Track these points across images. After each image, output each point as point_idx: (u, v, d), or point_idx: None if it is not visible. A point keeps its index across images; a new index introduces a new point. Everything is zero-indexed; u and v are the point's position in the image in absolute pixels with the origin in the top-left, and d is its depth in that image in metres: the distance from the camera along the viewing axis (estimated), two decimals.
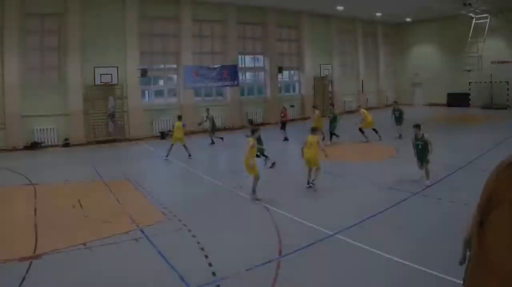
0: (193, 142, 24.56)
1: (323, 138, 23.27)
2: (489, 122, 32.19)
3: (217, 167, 21.84)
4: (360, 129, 25.07)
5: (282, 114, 27.63)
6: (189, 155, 21.57)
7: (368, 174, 17.07)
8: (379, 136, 24.70)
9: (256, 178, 13.88)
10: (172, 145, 21.89)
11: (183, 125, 22.37)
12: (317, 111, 26.12)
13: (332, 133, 24.89)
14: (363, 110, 25.95)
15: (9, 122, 25.60)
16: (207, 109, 27.83)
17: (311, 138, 14.90)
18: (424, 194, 13.58)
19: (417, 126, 14.80)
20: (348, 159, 20.32)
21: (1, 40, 25.46)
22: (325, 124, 25.27)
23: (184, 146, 21.75)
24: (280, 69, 37.70)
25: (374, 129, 25.02)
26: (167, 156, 21.63)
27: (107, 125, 28.65)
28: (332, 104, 29.33)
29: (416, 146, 14.81)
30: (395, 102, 28.14)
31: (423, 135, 14.54)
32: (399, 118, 25.69)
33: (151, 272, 8.74)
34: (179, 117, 23.01)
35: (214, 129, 27.25)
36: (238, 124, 34.20)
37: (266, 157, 19.09)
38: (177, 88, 32.90)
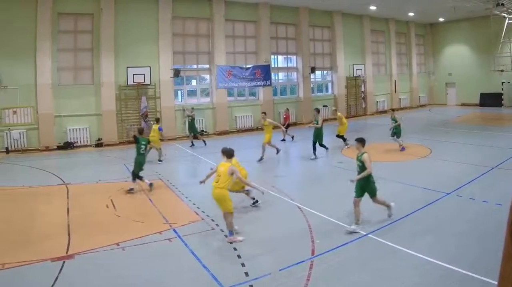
0: (226, 142, 22.63)
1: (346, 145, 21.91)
2: None
3: (249, 167, 19.77)
4: (338, 136, 22.37)
5: (285, 116, 25.85)
6: (159, 159, 20.40)
7: (401, 173, 16.26)
8: (346, 144, 21.75)
9: (229, 213, 10.00)
10: (150, 148, 20.58)
11: (160, 129, 20.97)
12: (339, 114, 23.37)
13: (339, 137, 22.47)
14: (340, 114, 23.07)
15: (42, 122, 24.57)
16: (192, 109, 26.20)
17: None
18: (457, 194, 12.98)
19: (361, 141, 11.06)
20: (381, 158, 18.93)
21: (34, 40, 24.37)
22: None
23: (159, 149, 20.63)
24: (313, 69, 35.85)
25: (342, 136, 22.27)
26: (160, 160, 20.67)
27: (139, 125, 26.80)
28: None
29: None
30: (393, 110, 22.86)
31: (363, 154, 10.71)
32: (395, 129, 21.31)
33: (184, 272, 8.50)
34: (157, 120, 21.90)
35: (194, 130, 25.44)
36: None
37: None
38: (210, 88, 31.43)
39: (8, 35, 23.72)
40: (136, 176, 14.84)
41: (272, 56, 34.09)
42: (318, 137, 19.69)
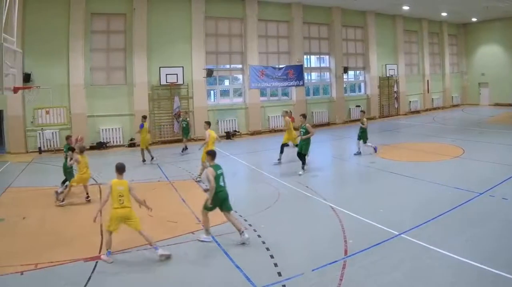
0: (258, 141, 22.53)
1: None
2: None
3: (283, 167, 18.40)
4: (284, 145, 18.59)
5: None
6: (152, 157, 19.41)
7: (434, 173, 15.25)
8: (279, 160, 18.32)
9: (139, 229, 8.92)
10: (142, 149, 19.43)
11: (141, 126, 19.44)
12: (287, 118, 19.15)
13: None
14: (287, 118, 19.13)
15: (74, 122, 23.31)
16: (186, 112, 24.30)
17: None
18: (490, 194, 12.37)
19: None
20: (413, 158, 18.44)
21: (67, 40, 23.15)
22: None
23: (146, 148, 19.48)
24: (346, 69, 33.79)
25: (284, 145, 18.50)
26: (144, 161, 19.49)
27: (172, 125, 25.88)
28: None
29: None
30: (363, 112, 21.00)
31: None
32: (361, 133, 19.43)
33: (217, 272, 8.16)
34: (144, 117, 19.99)
35: (186, 134, 22.94)
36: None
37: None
38: (243, 88, 29.73)
39: (41, 36, 22.57)
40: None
41: (305, 56, 32.17)
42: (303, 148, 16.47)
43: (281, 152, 18.27)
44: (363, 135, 19.39)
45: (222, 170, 9.84)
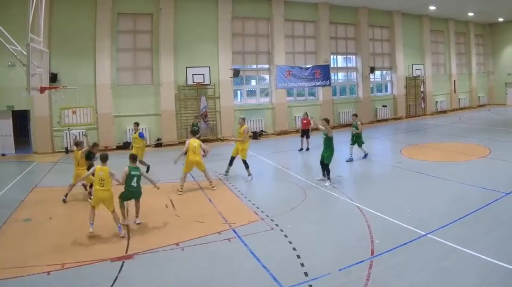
0: (285, 141, 21.93)
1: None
2: None
3: (310, 167, 17.90)
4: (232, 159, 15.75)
5: (304, 121, 20.91)
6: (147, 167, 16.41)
7: (460, 173, 14.64)
8: (225, 172, 15.84)
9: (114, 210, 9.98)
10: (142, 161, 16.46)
11: (141, 135, 17.16)
12: (245, 126, 15.72)
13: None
14: (246, 126, 15.67)
15: (101, 122, 22.21)
16: (196, 117, 22.27)
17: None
18: None
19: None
20: (440, 158, 17.66)
21: (93, 40, 22.03)
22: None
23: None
24: (372, 69, 31.94)
25: (232, 158, 15.71)
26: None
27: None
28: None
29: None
30: (355, 115, 18.87)
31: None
32: (355, 137, 17.76)
33: (243, 272, 7.80)
34: (137, 124, 17.57)
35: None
36: (331, 124, 29.62)
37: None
38: (269, 88, 28.17)
39: (68, 36, 21.49)
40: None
41: (332, 56, 30.34)
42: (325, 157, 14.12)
43: (230, 164, 15.61)
44: (358, 140, 17.69)
45: (138, 172, 10.21)
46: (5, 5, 19.94)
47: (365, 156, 17.88)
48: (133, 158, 10.52)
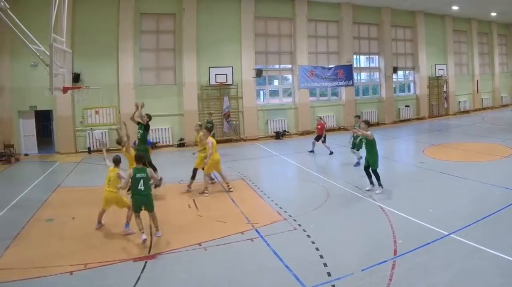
0: (308, 142, 20.39)
1: None
2: None
3: (331, 167, 17.41)
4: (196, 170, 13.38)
5: (319, 126, 18.84)
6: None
7: (483, 173, 13.82)
8: (188, 184, 13.29)
9: (129, 207, 9.48)
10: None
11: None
12: (201, 133, 13.46)
13: None
14: (209, 141, 12.84)
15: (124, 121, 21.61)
16: (210, 114, 20.56)
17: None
18: None
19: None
20: (463, 158, 16.83)
21: (116, 40, 21.07)
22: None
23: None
24: (395, 69, 30.23)
25: (193, 170, 13.33)
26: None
27: (222, 125, 23.30)
28: None
29: None
30: (358, 117, 17.19)
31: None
32: (355, 139, 15.63)
33: (266, 272, 7.43)
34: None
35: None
36: (353, 124, 28.54)
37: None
38: (292, 88, 26.82)
39: (91, 36, 20.57)
40: None
41: (354, 56, 28.84)
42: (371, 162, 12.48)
43: (193, 177, 13.32)
44: (360, 144, 15.12)
45: (145, 174, 8.95)
46: (28, 5, 19.04)
47: (358, 163, 15.53)
48: (139, 158, 9.28)
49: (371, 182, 12.46)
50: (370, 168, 12.32)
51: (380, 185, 12.22)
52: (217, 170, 13.01)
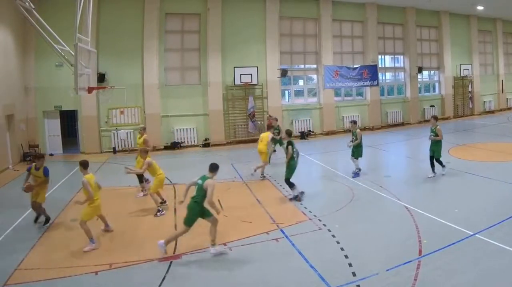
0: (333, 142, 20.20)
1: None
2: None
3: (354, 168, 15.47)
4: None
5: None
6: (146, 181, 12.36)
7: (508, 173, 12.80)
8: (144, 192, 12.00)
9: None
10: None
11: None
12: (145, 136, 12.67)
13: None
14: (146, 137, 12.53)
15: (149, 122, 19.35)
16: (270, 116, 18.64)
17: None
18: None
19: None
20: (488, 158, 15.77)
21: (141, 40, 19.32)
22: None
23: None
24: (420, 69, 27.70)
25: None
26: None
27: (246, 125, 21.45)
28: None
29: None
30: (354, 123, 14.18)
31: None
32: (354, 147, 13.46)
33: (292, 272, 6.89)
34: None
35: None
36: (378, 124, 26.32)
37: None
38: (317, 88, 24.62)
39: (116, 36, 18.94)
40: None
41: (379, 56, 26.37)
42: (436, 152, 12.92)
43: (142, 181, 12.07)
44: (356, 151, 13.46)
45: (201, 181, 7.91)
46: (53, 6, 17.45)
47: (357, 174, 13.50)
48: (214, 168, 8.27)
49: (433, 170, 12.87)
50: (434, 158, 12.79)
51: (443, 166, 13.01)
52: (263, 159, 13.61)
